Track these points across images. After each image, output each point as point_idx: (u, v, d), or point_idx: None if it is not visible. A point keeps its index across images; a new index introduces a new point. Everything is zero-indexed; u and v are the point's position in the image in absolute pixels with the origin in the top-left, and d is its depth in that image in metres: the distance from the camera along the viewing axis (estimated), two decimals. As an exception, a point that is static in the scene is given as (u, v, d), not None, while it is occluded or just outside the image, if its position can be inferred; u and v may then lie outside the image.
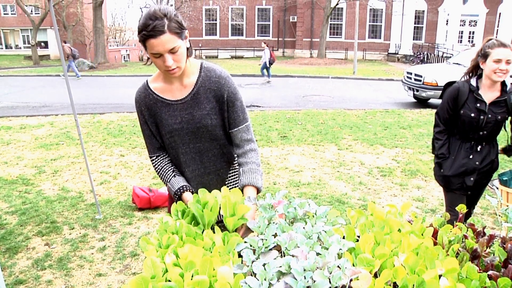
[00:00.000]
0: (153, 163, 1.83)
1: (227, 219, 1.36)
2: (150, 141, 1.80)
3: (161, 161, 1.81)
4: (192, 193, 1.75)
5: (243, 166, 1.74)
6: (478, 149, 2.67)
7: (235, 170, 1.89)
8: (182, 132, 1.71)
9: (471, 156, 2.66)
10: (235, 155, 1.86)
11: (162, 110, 1.72)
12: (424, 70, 10.77)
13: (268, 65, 15.38)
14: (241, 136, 1.76)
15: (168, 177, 1.78)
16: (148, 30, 1.47)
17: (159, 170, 1.81)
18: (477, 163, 2.67)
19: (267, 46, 15.51)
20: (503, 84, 2.56)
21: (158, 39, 1.48)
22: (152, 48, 1.50)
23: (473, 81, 2.60)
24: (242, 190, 1.69)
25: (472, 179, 2.69)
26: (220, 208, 1.45)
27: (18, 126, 8.06)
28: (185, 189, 1.73)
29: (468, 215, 2.86)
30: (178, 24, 1.52)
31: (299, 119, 8.79)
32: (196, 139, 1.73)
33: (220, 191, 1.85)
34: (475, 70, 2.63)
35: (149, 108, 1.74)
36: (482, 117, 2.54)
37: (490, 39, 2.54)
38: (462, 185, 2.71)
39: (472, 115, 2.55)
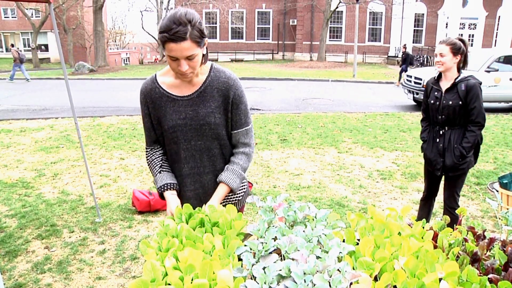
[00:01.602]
0: (146, 154, 1.89)
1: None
2: (148, 133, 1.84)
3: (153, 154, 1.85)
4: (177, 191, 1.80)
5: (229, 164, 1.81)
6: (441, 132, 3.09)
7: None
8: (185, 128, 1.73)
9: (437, 140, 3.12)
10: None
11: (167, 105, 1.74)
12: (424, 73, 10.80)
13: None
14: (239, 138, 1.81)
15: (154, 172, 1.83)
16: (170, 33, 1.48)
17: (149, 163, 1.86)
18: (441, 145, 3.08)
19: None
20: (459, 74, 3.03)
21: (178, 45, 1.50)
22: (170, 51, 1.53)
23: (436, 75, 3.14)
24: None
25: (441, 159, 3.09)
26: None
27: (18, 129, 8.07)
28: (167, 187, 1.77)
29: (448, 199, 3.21)
30: (200, 32, 1.55)
31: (299, 122, 8.79)
32: (198, 137, 1.75)
33: (216, 192, 1.85)
34: None
35: (154, 101, 1.76)
36: (438, 103, 3.05)
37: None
38: (435, 166, 3.14)
39: (432, 101, 3.10)
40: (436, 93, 3.08)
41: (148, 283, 1.02)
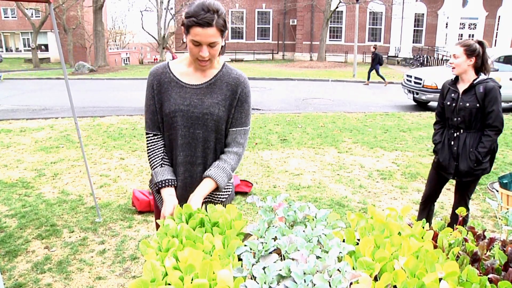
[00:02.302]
0: (148, 140, 1.85)
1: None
2: (152, 117, 1.82)
3: (156, 143, 1.83)
4: (175, 188, 1.78)
5: (219, 160, 1.80)
6: (455, 135, 3.02)
7: None
8: (187, 114, 1.74)
9: (451, 142, 3.04)
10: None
11: (173, 90, 1.76)
12: (423, 73, 10.79)
13: None
14: (235, 137, 1.82)
15: (155, 163, 1.81)
16: (198, 18, 1.57)
17: (150, 152, 1.83)
18: (455, 148, 3.01)
19: (167, 50, 16.80)
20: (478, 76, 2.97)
21: (204, 30, 1.58)
22: (195, 35, 1.59)
23: (453, 78, 3.10)
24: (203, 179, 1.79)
25: (455, 163, 3.02)
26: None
27: (18, 129, 8.07)
28: (166, 183, 1.75)
29: (459, 203, 3.17)
30: (224, 23, 1.63)
31: (299, 122, 8.79)
32: (198, 125, 1.75)
33: (201, 185, 1.84)
34: None
35: (162, 84, 1.78)
36: (454, 104, 2.99)
37: None
38: (448, 169, 3.07)
39: (448, 103, 3.03)
40: (453, 94, 3.01)
41: (148, 283, 1.02)
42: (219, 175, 1.75)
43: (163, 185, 1.75)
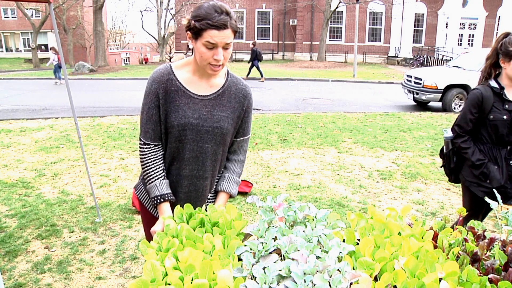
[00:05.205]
0: (147, 150, 1.71)
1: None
2: (154, 128, 1.69)
3: (157, 153, 1.72)
4: (172, 203, 1.72)
5: (228, 171, 1.84)
6: None
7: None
8: (197, 128, 1.67)
9: (510, 162, 2.48)
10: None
11: (181, 100, 1.66)
12: (424, 73, 10.80)
13: (58, 68, 17.12)
14: (243, 145, 1.85)
15: (158, 176, 1.70)
16: (214, 21, 1.50)
17: (151, 162, 1.71)
18: None
19: (53, 52, 17.37)
20: None
21: (221, 32, 1.52)
22: (211, 37, 1.52)
23: (494, 83, 2.46)
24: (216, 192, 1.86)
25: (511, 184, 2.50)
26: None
27: (18, 129, 8.06)
28: (167, 198, 1.69)
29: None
30: (236, 24, 1.58)
31: (299, 122, 8.79)
32: (207, 139, 1.70)
33: (207, 198, 1.85)
34: (493, 70, 2.51)
35: (168, 93, 1.65)
36: None
37: (508, 34, 2.44)
38: (508, 192, 2.49)
39: (504, 117, 2.41)
40: (506, 106, 2.42)
41: (148, 283, 1.03)
42: (233, 187, 1.82)
43: (167, 198, 1.69)
